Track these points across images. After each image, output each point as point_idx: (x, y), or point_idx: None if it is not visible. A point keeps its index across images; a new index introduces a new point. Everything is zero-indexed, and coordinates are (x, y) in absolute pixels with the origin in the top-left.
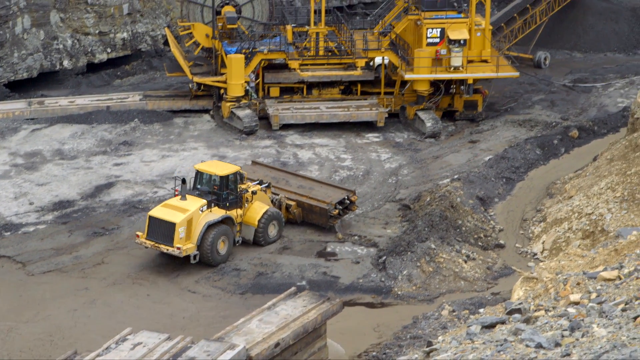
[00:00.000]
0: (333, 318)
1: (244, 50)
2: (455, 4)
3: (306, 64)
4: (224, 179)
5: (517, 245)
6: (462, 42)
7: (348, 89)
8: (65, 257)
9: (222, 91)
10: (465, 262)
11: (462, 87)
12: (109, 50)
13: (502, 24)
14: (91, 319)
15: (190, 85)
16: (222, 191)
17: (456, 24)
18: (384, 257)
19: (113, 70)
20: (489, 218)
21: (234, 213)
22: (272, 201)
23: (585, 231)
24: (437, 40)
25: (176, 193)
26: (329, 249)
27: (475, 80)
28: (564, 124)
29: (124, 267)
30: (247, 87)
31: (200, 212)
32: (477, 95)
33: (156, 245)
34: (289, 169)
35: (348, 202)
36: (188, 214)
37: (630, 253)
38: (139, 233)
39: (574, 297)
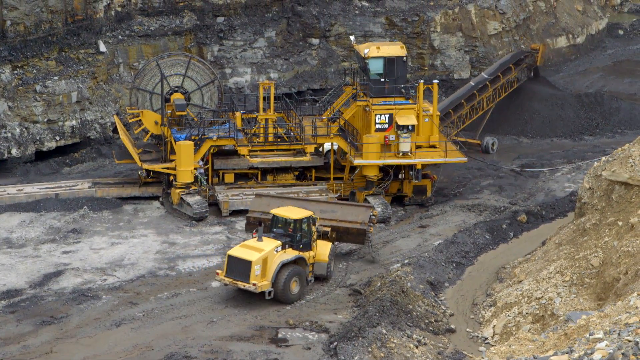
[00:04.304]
0: None
1: (193, 137)
2: (403, 90)
3: (255, 150)
4: (298, 222)
5: (467, 329)
6: (410, 127)
7: (302, 174)
8: (12, 347)
9: (171, 178)
10: (417, 347)
11: (411, 172)
12: (57, 138)
13: (450, 110)
14: None
15: (139, 172)
16: (296, 234)
17: (404, 110)
18: (335, 343)
19: (62, 158)
20: (440, 303)
21: (307, 254)
22: None
23: (535, 315)
24: (386, 126)
25: (254, 236)
26: (280, 335)
27: (424, 166)
28: (513, 208)
29: (72, 356)
30: (197, 174)
31: (275, 252)
32: (426, 181)
33: (234, 282)
34: None
35: (372, 217)
36: (263, 253)
37: (580, 337)
38: (218, 271)
39: None
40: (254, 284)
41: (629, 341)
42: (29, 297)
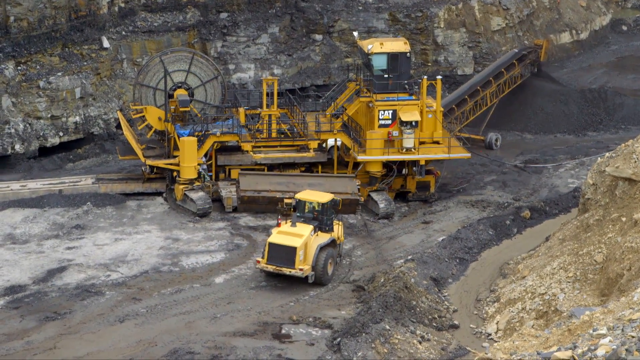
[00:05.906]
0: None
1: (196, 133)
2: (407, 86)
3: (259, 146)
4: (325, 205)
5: (471, 325)
6: (413, 123)
7: (309, 170)
8: (16, 343)
9: (175, 174)
10: (420, 343)
11: (414, 168)
12: (61, 134)
13: (454, 106)
14: None
15: (143, 168)
16: (324, 217)
17: (408, 106)
18: (339, 339)
19: (65, 153)
20: (443, 299)
21: (335, 235)
22: None
23: (538, 311)
24: (389, 122)
25: (279, 222)
26: (283, 331)
27: (428, 162)
28: (516, 204)
29: (76, 352)
30: (200, 169)
31: (311, 236)
32: (430, 177)
33: (277, 268)
34: (242, 251)
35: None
36: (304, 238)
37: (584, 333)
38: (258, 259)
39: None
40: (301, 269)
41: (633, 337)
42: (32, 293)
